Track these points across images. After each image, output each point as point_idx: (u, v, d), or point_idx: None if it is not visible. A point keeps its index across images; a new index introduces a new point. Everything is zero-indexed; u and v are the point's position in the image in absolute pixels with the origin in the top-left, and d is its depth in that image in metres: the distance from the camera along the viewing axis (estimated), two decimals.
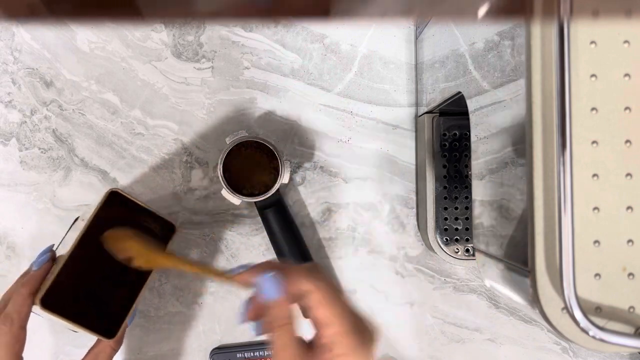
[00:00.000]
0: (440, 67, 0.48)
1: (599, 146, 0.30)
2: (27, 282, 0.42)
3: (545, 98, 0.30)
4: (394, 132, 0.58)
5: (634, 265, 0.30)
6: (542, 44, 0.30)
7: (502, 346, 0.59)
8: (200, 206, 0.57)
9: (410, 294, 0.59)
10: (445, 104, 0.49)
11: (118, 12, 0.19)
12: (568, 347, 0.59)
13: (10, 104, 0.55)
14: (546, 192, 0.30)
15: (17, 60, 0.55)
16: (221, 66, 0.56)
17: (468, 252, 0.54)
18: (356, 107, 0.58)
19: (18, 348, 0.41)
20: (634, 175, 0.30)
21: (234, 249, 0.57)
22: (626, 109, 0.30)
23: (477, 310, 0.59)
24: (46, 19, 0.20)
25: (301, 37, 0.57)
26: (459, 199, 0.54)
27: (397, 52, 0.58)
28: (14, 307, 0.41)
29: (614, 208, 0.30)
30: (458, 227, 0.54)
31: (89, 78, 0.56)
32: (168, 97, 0.56)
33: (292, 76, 0.57)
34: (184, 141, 0.56)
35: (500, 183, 0.36)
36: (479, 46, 0.38)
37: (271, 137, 0.57)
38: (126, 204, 0.46)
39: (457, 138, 0.55)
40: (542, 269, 0.30)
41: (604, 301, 0.30)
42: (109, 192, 0.44)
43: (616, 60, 0.30)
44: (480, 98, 0.39)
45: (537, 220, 0.30)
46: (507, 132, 0.34)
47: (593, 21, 0.30)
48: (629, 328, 0.30)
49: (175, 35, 0.56)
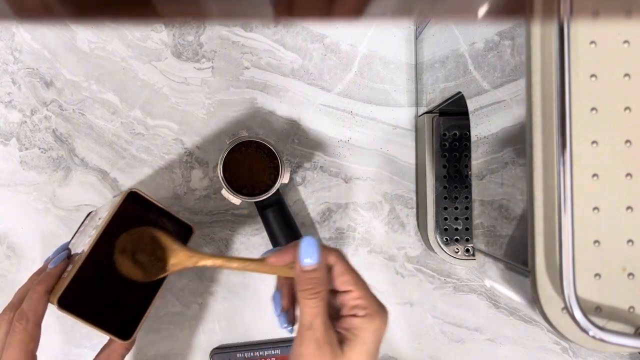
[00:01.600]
0: (440, 67, 0.48)
1: (599, 146, 0.30)
2: (43, 280, 0.42)
3: (545, 98, 0.30)
4: (394, 132, 0.58)
5: (634, 265, 0.31)
6: (542, 44, 0.30)
7: (502, 346, 0.59)
8: (200, 206, 0.57)
9: (410, 294, 0.59)
10: (445, 104, 0.49)
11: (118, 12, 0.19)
12: (568, 347, 0.59)
13: (10, 104, 0.55)
14: (546, 192, 0.30)
15: (17, 60, 0.55)
16: (221, 66, 0.56)
17: (468, 252, 0.54)
18: (356, 107, 0.58)
19: (33, 346, 0.41)
20: (634, 175, 0.30)
21: (234, 249, 0.57)
22: (626, 109, 0.30)
23: (477, 310, 0.59)
24: (46, 19, 0.20)
25: (301, 37, 0.57)
26: (459, 199, 0.54)
27: (397, 52, 0.58)
28: (29, 305, 0.41)
29: (614, 208, 0.30)
30: (458, 227, 0.54)
31: (89, 78, 0.56)
32: (168, 97, 0.56)
33: (292, 76, 0.57)
34: (184, 141, 0.56)
35: (500, 183, 0.36)
36: (479, 46, 0.38)
37: (271, 137, 0.57)
38: (144, 205, 0.45)
39: (457, 138, 0.55)
40: (542, 269, 0.30)
41: (604, 301, 0.30)
42: (128, 192, 0.43)
43: (616, 60, 0.30)
44: (480, 98, 0.39)
45: (537, 220, 0.30)
46: (507, 132, 0.34)
47: (593, 21, 0.30)
48: (629, 328, 0.30)
49: (175, 35, 0.56)
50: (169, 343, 0.57)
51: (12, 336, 0.40)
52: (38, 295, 0.41)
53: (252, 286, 0.57)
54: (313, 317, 0.34)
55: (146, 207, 0.45)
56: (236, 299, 0.57)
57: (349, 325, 0.35)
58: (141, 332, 0.56)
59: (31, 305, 0.41)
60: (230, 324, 0.57)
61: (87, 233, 0.45)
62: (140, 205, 0.44)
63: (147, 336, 0.57)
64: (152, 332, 0.57)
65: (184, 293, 0.57)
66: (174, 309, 0.57)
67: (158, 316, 0.57)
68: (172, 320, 0.57)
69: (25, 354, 0.40)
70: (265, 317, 0.58)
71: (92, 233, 0.43)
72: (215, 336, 0.57)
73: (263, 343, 0.57)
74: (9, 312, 0.41)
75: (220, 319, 0.57)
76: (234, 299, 0.57)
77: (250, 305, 0.57)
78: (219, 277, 0.57)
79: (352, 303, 0.35)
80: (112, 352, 0.45)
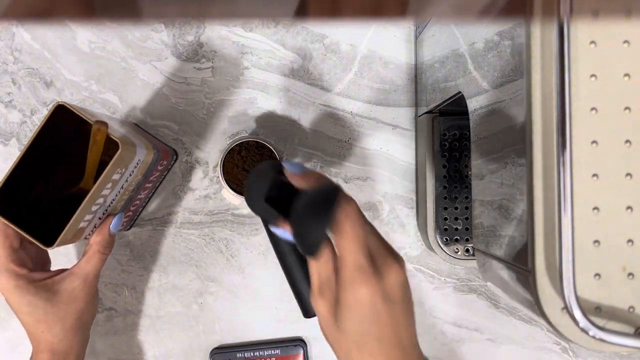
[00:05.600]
0: (440, 67, 0.48)
1: (599, 146, 0.30)
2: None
3: (545, 98, 0.30)
4: (394, 132, 0.58)
5: (634, 265, 0.31)
6: (542, 44, 0.30)
7: (502, 346, 0.59)
8: (200, 206, 0.57)
9: None
10: (445, 104, 0.49)
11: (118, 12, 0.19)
12: (568, 347, 0.59)
13: (10, 104, 0.55)
14: (546, 192, 0.30)
15: (17, 60, 0.55)
16: (221, 66, 0.56)
17: (468, 252, 0.54)
18: (356, 107, 0.58)
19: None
20: (634, 175, 0.30)
21: (233, 249, 0.57)
22: (626, 109, 0.30)
23: (477, 310, 0.59)
24: (46, 18, 0.20)
25: (301, 37, 0.57)
26: (459, 199, 0.55)
27: (397, 52, 0.58)
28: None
29: (614, 208, 0.30)
30: (458, 227, 0.54)
31: (89, 78, 0.56)
32: (168, 97, 0.56)
33: (292, 76, 0.57)
34: (184, 141, 0.56)
35: (500, 183, 0.36)
36: (479, 46, 0.38)
37: (271, 137, 0.57)
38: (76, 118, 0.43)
39: (457, 138, 0.55)
40: (542, 269, 0.30)
41: (603, 301, 0.30)
42: (56, 105, 0.41)
43: (616, 60, 0.30)
44: (480, 98, 0.39)
45: (537, 220, 0.30)
46: (507, 132, 0.34)
47: (593, 21, 0.30)
48: (629, 328, 0.30)
49: (175, 35, 0.56)
50: (169, 343, 0.57)
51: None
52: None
53: (252, 286, 0.57)
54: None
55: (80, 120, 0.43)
56: (236, 299, 0.57)
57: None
58: (141, 332, 0.56)
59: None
60: (230, 324, 0.57)
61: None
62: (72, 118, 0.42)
63: (147, 336, 0.57)
64: (152, 332, 0.57)
65: (184, 293, 0.57)
66: (174, 309, 0.57)
67: (158, 316, 0.57)
68: (172, 320, 0.57)
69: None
70: (266, 317, 0.58)
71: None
72: (215, 336, 0.57)
73: (263, 343, 0.57)
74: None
75: (220, 319, 0.57)
76: (234, 299, 0.57)
77: (250, 305, 0.57)
78: (219, 277, 0.57)
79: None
80: (90, 258, 0.46)
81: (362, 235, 0.34)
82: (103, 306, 0.56)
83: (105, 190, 0.42)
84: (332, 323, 0.35)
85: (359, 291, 0.33)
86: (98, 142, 0.41)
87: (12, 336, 0.56)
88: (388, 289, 0.33)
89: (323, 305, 0.35)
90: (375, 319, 0.33)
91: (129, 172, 0.45)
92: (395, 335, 0.34)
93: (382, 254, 0.34)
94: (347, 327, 0.34)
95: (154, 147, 0.49)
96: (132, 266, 0.56)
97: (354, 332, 0.34)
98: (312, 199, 0.36)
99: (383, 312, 0.33)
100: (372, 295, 0.33)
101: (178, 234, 0.57)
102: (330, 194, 0.35)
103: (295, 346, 0.57)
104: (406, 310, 0.34)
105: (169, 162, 0.54)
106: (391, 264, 0.34)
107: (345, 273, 0.33)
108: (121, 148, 0.40)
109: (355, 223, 0.34)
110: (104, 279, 0.56)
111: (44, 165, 0.46)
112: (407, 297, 0.34)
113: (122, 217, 0.48)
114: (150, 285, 0.57)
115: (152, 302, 0.57)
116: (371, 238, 0.35)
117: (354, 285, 0.33)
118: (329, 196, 0.35)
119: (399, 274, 0.34)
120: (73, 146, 0.48)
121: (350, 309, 0.33)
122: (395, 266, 0.34)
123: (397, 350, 0.34)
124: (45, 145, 0.42)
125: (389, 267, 0.33)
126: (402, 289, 0.34)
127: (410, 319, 0.35)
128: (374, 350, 0.34)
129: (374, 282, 0.33)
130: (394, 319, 0.34)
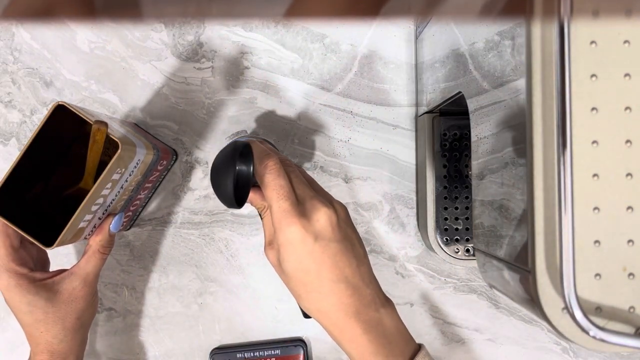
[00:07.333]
0: (441, 67, 0.48)
1: (599, 146, 0.30)
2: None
3: (545, 98, 0.30)
4: (394, 132, 0.58)
5: (634, 265, 0.31)
6: (542, 44, 0.30)
7: (502, 346, 0.59)
8: (200, 206, 0.57)
9: (410, 294, 0.59)
10: (445, 104, 0.49)
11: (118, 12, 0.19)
12: (568, 347, 0.59)
13: (10, 104, 0.55)
14: (546, 192, 0.30)
15: (17, 60, 0.55)
16: (221, 66, 0.56)
17: (468, 252, 0.54)
18: (356, 107, 0.58)
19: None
20: (634, 175, 0.30)
21: (233, 249, 0.57)
22: (626, 109, 0.30)
23: (477, 310, 0.59)
24: (46, 18, 0.20)
25: (301, 37, 0.57)
26: (459, 199, 0.54)
27: (397, 52, 0.58)
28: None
29: (614, 208, 0.30)
30: (458, 227, 0.54)
31: (89, 78, 0.56)
32: (168, 97, 0.56)
33: (292, 76, 0.57)
34: (184, 141, 0.56)
35: (500, 183, 0.36)
36: (479, 46, 0.38)
37: (271, 137, 0.57)
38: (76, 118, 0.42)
39: (457, 138, 0.55)
40: (542, 269, 0.30)
41: (604, 301, 0.30)
42: (56, 104, 0.40)
43: (616, 60, 0.30)
44: (480, 98, 0.39)
45: (537, 220, 0.30)
46: (507, 132, 0.34)
47: (593, 21, 0.30)
48: (629, 328, 0.30)
49: (175, 35, 0.56)
50: (169, 343, 0.57)
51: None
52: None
53: (252, 286, 0.57)
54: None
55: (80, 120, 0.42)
56: (236, 299, 0.57)
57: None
58: (141, 332, 0.56)
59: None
60: (230, 324, 0.57)
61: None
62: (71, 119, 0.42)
63: (147, 336, 0.57)
64: (152, 332, 0.57)
65: (183, 293, 0.57)
66: (174, 309, 0.57)
67: (158, 316, 0.57)
68: (172, 321, 0.57)
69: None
70: (266, 317, 0.58)
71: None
72: (215, 336, 0.57)
73: (263, 343, 0.57)
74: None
75: (220, 319, 0.57)
76: (234, 299, 0.57)
77: (250, 305, 0.57)
78: (219, 277, 0.57)
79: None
80: (90, 257, 0.46)
81: (285, 185, 0.37)
82: (103, 306, 0.56)
83: (105, 190, 0.42)
84: (280, 269, 0.38)
85: (287, 232, 0.36)
86: (98, 142, 0.41)
87: (12, 336, 0.56)
88: (318, 229, 0.36)
89: (271, 254, 0.39)
90: (310, 256, 0.36)
91: (128, 172, 0.45)
92: (336, 271, 0.36)
93: (310, 199, 0.37)
94: (288, 267, 0.37)
95: (154, 147, 0.49)
96: (132, 266, 0.56)
97: (295, 270, 0.37)
98: (216, 160, 0.39)
99: (317, 250, 0.36)
100: (302, 235, 0.36)
101: (178, 234, 0.57)
102: (234, 150, 0.38)
103: (295, 346, 0.57)
104: (344, 248, 0.37)
105: (168, 162, 0.54)
106: (319, 207, 0.37)
107: (274, 220, 0.37)
108: (121, 148, 0.40)
109: (275, 174, 0.38)
110: (103, 279, 0.56)
111: (43, 165, 0.46)
112: (343, 236, 0.37)
113: (122, 217, 0.48)
114: (150, 286, 0.57)
115: (152, 302, 0.57)
116: (300, 187, 0.38)
117: (282, 228, 0.36)
118: (233, 152, 0.38)
119: (328, 214, 0.37)
120: (73, 146, 0.48)
121: (285, 250, 0.36)
122: (324, 209, 0.37)
123: (342, 284, 0.36)
124: (45, 145, 0.42)
125: (317, 210, 0.37)
126: (334, 228, 0.37)
127: (350, 256, 0.37)
128: (316, 286, 0.36)
129: (301, 223, 0.36)
130: (332, 257, 0.36)
